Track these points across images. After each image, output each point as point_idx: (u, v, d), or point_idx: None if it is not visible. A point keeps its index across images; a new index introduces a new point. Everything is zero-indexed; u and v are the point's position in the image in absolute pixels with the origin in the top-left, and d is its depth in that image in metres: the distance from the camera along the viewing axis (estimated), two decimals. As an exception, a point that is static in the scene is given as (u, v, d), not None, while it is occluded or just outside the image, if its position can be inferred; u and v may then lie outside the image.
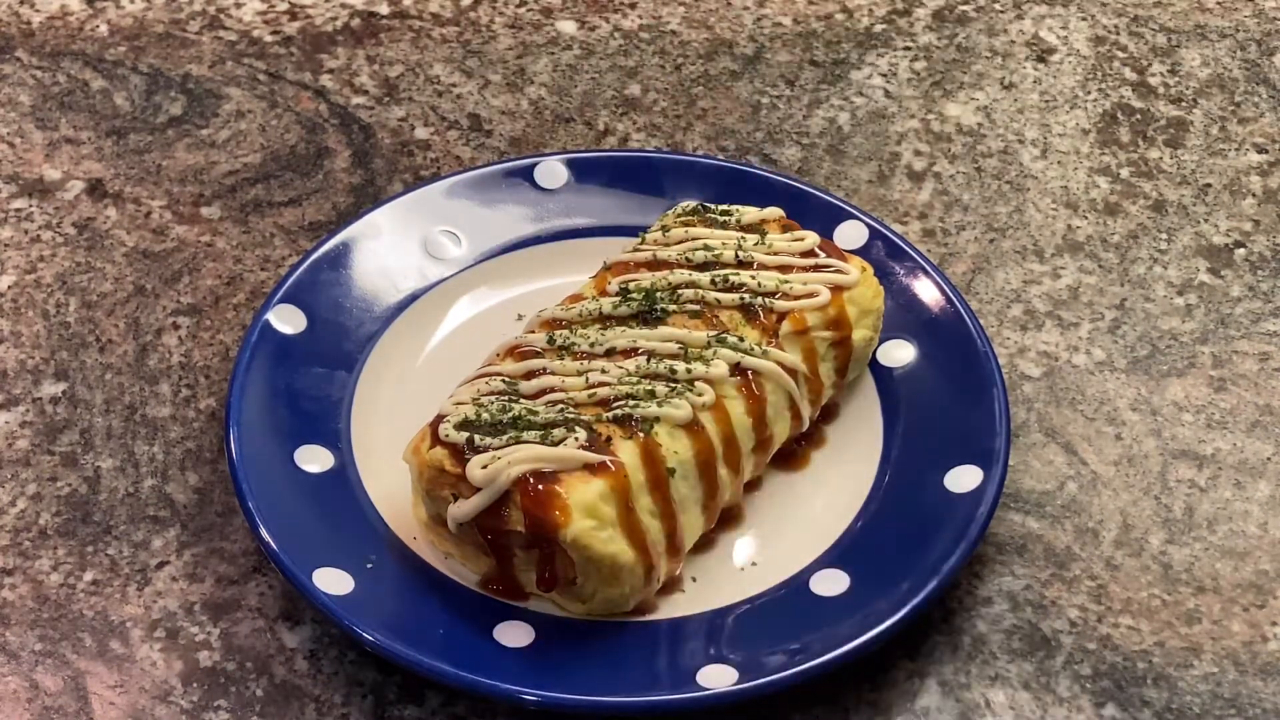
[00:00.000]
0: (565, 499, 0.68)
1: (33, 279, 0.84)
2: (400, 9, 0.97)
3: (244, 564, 0.74)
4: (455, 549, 0.72)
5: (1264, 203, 0.89)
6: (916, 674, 0.71)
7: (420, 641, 0.69)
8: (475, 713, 0.70)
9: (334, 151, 0.90)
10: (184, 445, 0.78)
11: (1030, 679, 0.71)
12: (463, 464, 0.69)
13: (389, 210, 0.83)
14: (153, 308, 0.83)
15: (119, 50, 0.94)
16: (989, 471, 0.73)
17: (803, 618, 0.70)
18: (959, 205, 0.88)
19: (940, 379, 0.78)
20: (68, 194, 0.88)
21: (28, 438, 0.78)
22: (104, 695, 0.70)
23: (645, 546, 0.69)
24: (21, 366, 0.81)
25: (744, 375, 0.72)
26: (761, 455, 0.74)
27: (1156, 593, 0.74)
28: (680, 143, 0.91)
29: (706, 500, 0.72)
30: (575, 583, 0.70)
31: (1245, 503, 0.77)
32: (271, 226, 0.86)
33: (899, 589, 0.70)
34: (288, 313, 0.79)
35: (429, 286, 0.81)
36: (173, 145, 0.90)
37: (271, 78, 0.93)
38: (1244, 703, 0.71)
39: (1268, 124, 0.93)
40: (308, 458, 0.75)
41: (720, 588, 0.72)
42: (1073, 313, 0.84)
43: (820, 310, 0.75)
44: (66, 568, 0.74)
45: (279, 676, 0.71)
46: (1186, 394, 0.81)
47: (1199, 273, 0.86)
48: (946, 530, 0.72)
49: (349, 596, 0.69)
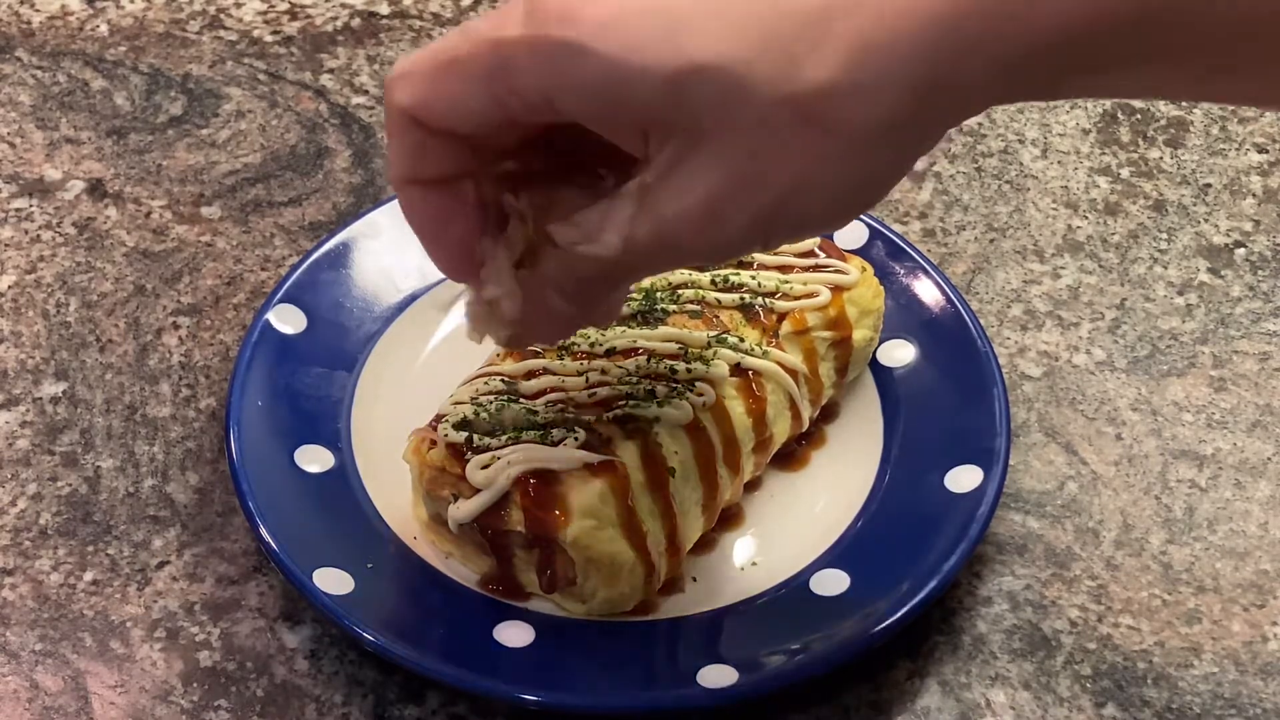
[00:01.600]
0: (565, 499, 0.68)
1: (33, 279, 0.84)
2: (400, 9, 0.97)
3: (244, 564, 0.74)
4: (455, 549, 0.72)
5: (1264, 203, 0.89)
6: (916, 674, 0.71)
7: (420, 641, 0.69)
8: (475, 713, 0.70)
9: (334, 151, 0.90)
10: (184, 445, 0.78)
11: (1030, 679, 0.71)
12: (463, 464, 0.69)
13: (389, 210, 0.83)
14: (153, 308, 0.83)
15: (119, 50, 0.94)
16: (989, 471, 0.73)
17: (803, 618, 0.70)
18: (959, 205, 0.88)
19: (940, 379, 0.78)
20: (68, 194, 0.88)
21: (28, 438, 0.78)
22: (104, 695, 0.70)
23: (645, 546, 0.69)
24: (21, 366, 0.81)
25: (744, 375, 0.72)
26: (761, 455, 0.74)
27: (1157, 593, 0.74)
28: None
29: (706, 500, 0.72)
30: (575, 583, 0.70)
31: (1245, 503, 0.77)
32: (271, 226, 0.87)
33: (899, 589, 0.70)
34: (288, 313, 0.79)
35: (429, 286, 0.81)
36: (173, 145, 0.90)
37: (272, 78, 0.93)
38: (1244, 703, 0.71)
39: (1268, 124, 0.93)
40: (308, 458, 0.75)
41: (720, 588, 0.72)
42: (1073, 312, 0.84)
43: (820, 310, 0.75)
44: (67, 568, 0.74)
45: (279, 676, 0.71)
46: (1187, 394, 0.81)
47: (1199, 273, 0.86)
48: (946, 530, 0.72)
49: (349, 596, 0.70)
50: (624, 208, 0.55)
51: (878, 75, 0.50)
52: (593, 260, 0.57)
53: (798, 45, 0.50)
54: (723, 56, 0.50)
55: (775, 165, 0.52)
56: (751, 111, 0.51)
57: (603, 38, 0.51)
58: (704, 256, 0.60)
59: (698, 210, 0.53)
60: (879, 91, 0.51)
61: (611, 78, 0.51)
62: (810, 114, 0.51)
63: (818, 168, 0.52)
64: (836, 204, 0.54)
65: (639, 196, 0.54)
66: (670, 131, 0.52)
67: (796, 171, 0.52)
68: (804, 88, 0.50)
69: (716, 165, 0.52)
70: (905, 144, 0.53)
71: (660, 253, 0.57)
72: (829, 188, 0.53)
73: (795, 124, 0.51)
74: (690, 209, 0.53)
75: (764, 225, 0.55)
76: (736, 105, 0.51)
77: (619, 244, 0.55)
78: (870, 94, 0.51)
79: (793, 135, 0.51)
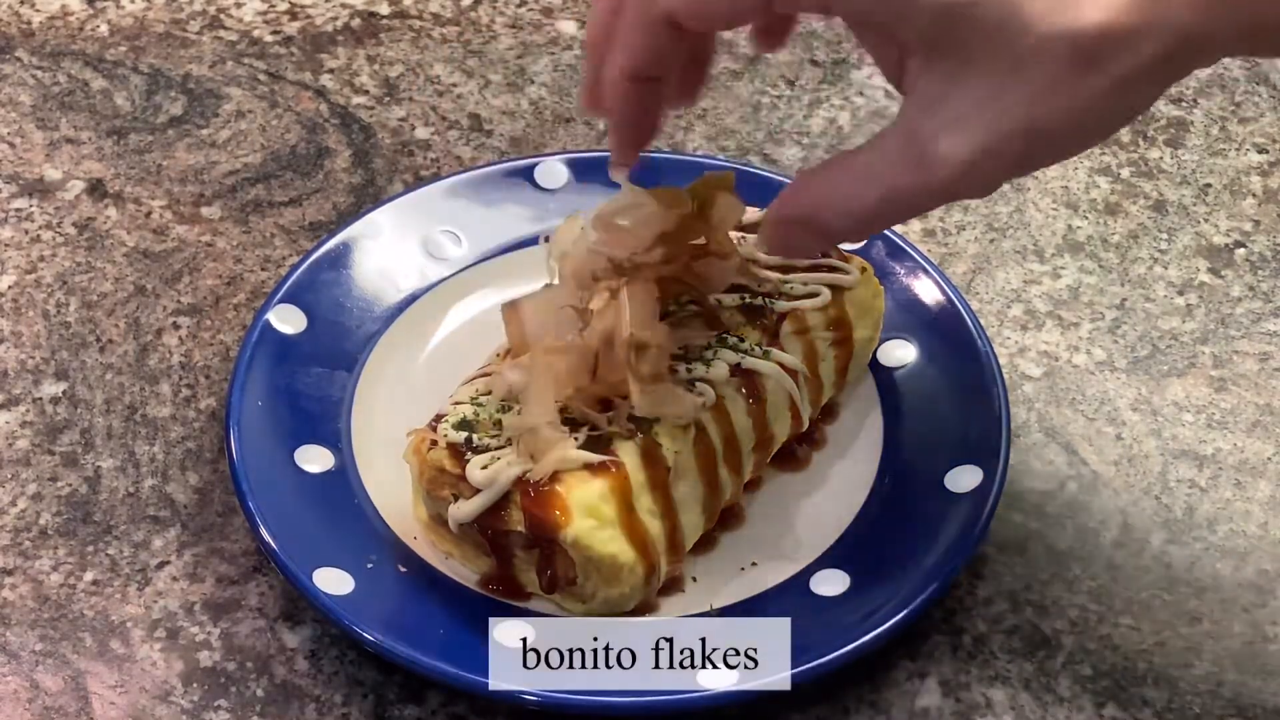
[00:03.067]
0: (565, 499, 0.68)
1: (33, 279, 0.84)
2: (400, 9, 0.97)
3: (244, 564, 0.74)
4: (455, 549, 0.72)
5: (1264, 203, 0.89)
6: (916, 674, 0.71)
7: (420, 641, 0.69)
8: (475, 713, 0.70)
9: (334, 151, 0.90)
10: (184, 445, 0.78)
11: (1030, 679, 0.71)
12: (463, 464, 0.69)
13: (389, 210, 0.83)
14: (153, 308, 0.83)
15: (119, 50, 0.94)
16: (989, 471, 0.73)
17: (803, 618, 0.70)
18: (959, 205, 0.88)
19: (940, 379, 0.78)
20: (68, 194, 0.88)
21: (28, 438, 0.78)
22: (104, 695, 0.70)
23: (645, 546, 0.69)
24: (22, 366, 0.81)
25: (744, 376, 0.72)
26: (761, 455, 0.74)
27: (1157, 593, 0.74)
28: (681, 142, 0.91)
29: (707, 500, 0.72)
30: (575, 583, 0.70)
31: (1246, 503, 0.77)
32: (272, 226, 0.87)
33: (899, 589, 0.70)
34: (288, 313, 0.79)
35: (429, 286, 0.81)
36: (173, 145, 0.90)
37: (272, 78, 0.93)
38: (1244, 703, 0.71)
39: (1268, 124, 0.93)
40: (308, 458, 0.75)
41: (720, 588, 0.72)
42: (1073, 313, 0.84)
43: (820, 310, 0.75)
44: (67, 568, 0.74)
45: (279, 676, 0.71)
46: (1187, 394, 0.81)
47: (1199, 273, 0.86)
48: (946, 530, 0.72)
49: (349, 596, 0.69)
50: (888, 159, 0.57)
51: (1150, 22, 0.54)
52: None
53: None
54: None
55: (1049, 101, 0.55)
56: (1027, 42, 0.54)
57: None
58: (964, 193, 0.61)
59: (970, 154, 0.55)
60: (1148, 37, 0.54)
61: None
62: (1084, 51, 0.54)
63: (1082, 101, 0.55)
64: (1089, 136, 0.58)
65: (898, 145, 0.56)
66: (937, 53, 0.55)
67: (1063, 104, 0.55)
68: (1083, 26, 0.53)
69: (989, 101, 0.55)
70: (1156, 85, 0.56)
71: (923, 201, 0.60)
72: (1087, 120, 0.56)
73: (1068, 59, 0.54)
74: (961, 153, 0.56)
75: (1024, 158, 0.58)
76: (1014, 34, 0.53)
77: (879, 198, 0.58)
78: (1141, 38, 0.54)
79: (1064, 69, 0.54)
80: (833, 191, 0.60)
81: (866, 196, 0.59)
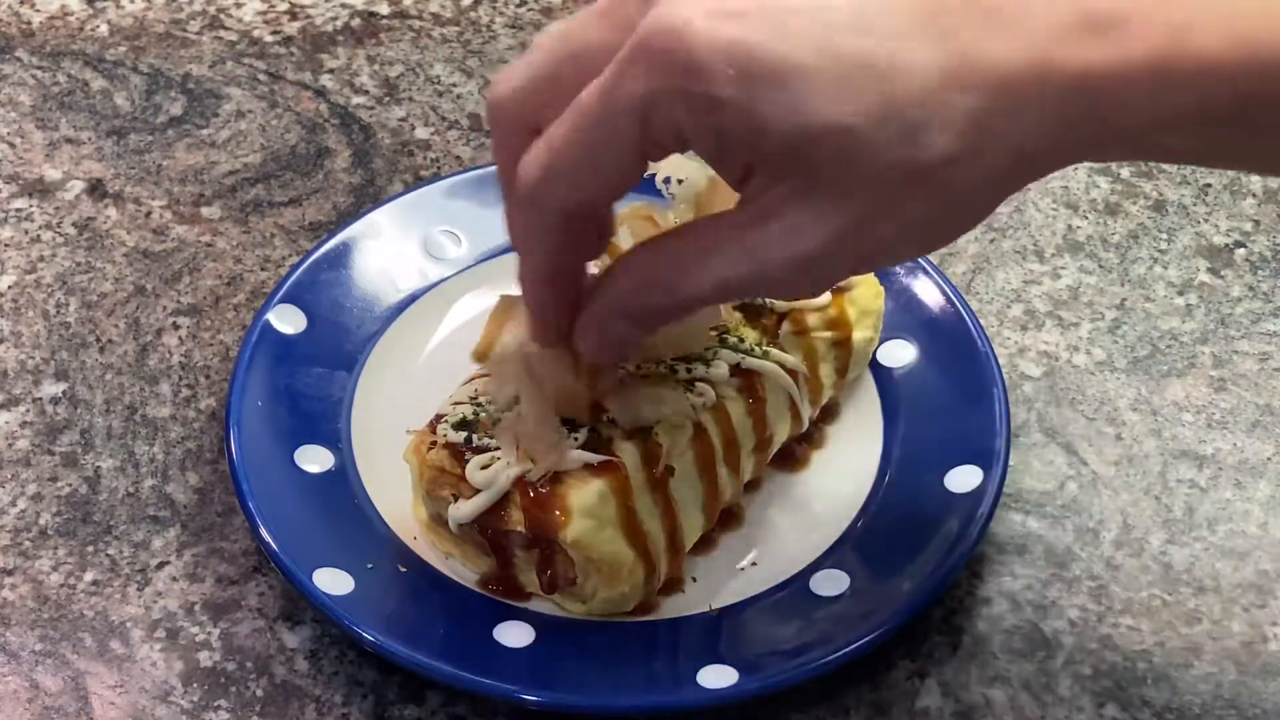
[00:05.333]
0: (565, 499, 0.68)
1: (33, 279, 0.84)
2: (400, 9, 0.97)
3: (244, 564, 0.74)
4: (455, 549, 0.72)
5: (1264, 203, 0.89)
6: (916, 674, 0.71)
7: (420, 641, 0.69)
8: (475, 713, 0.70)
9: (334, 151, 0.90)
10: (184, 445, 0.78)
11: (1030, 679, 0.71)
12: (463, 464, 0.69)
13: (389, 210, 0.83)
14: (153, 308, 0.83)
15: (119, 50, 0.94)
16: (989, 471, 0.73)
17: (803, 618, 0.70)
18: (959, 205, 0.88)
19: (940, 379, 0.78)
20: (68, 194, 0.88)
21: (28, 438, 0.78)
22: (104, 695, 0.70)
23: (645, 546, 0.69)
24: (21, 366, 0.81)
25: (744, 376, 0.72)
26: (761, 455, 0.74)
27: (1157, 593, 0.74)
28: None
29: (706, 500, 0.72)
30: (575, 583, 0.70)
31: (1245, 503, 0.77)
32: (271, 226, 0.87)
33: (899, 589, 0.70)
34: (288, 313, 0.79)
35: (429, 286, 0.81)
36: (173, 145, 0.90)
37: (272, 78, 0.93)
38: (1244, 703, 0.71)
39: (1268, 124, 0.93)
40: (308, 458, 0.75)
41: (720, 588, 0.72)
42: (1073, 313, 0.84)
43: (820, 310, 0.75)
44: (67, 568, 0.74)
45: (279, 676, 0.71)
46: (1187, 394, 0.81)
47: (1199, 273, 0.86)
48: (946, 530, 0.72)
49: (349, 596, 0.70)
50: (724, 251, 0.58)
51: (992, 144, 0.55)
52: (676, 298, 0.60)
53: (917, 113, 0.54)
54: (845, 119, 0.54)
55: (885, 217, 0.56)
56: (869, 171, 0.55)
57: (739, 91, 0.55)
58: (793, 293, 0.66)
59: (805, 256, 0.57)
60: (992, 158, 0.55)
61: (743, 126, 0.55)
62: (926, 177, 0.55)
63: (923, 219, 0.57)
64: (929, 245, 0.60)
65: (737, 240, 0.58)
66: (780, 176, 0.56)
67: (903, 223, 0.57)
68: (924, 155, 0.55)
69: (828, 214, 0.56)
70: (999, 196, 0.58)
71: (752, 291, 0.64)
72: (929, 234, 0.59)
73: (909, 183, 0.55)
74: (797, 254, 0.57)
75: (861, 267, 0.64)
76: (856, 164, 0.55)
77: (712, 285, 0.59)
78: (983, 160, 0.55)
79: (905, 193, 0.56)
80: (660, 274, 0.60)
81: (704, 280, 0.59)
